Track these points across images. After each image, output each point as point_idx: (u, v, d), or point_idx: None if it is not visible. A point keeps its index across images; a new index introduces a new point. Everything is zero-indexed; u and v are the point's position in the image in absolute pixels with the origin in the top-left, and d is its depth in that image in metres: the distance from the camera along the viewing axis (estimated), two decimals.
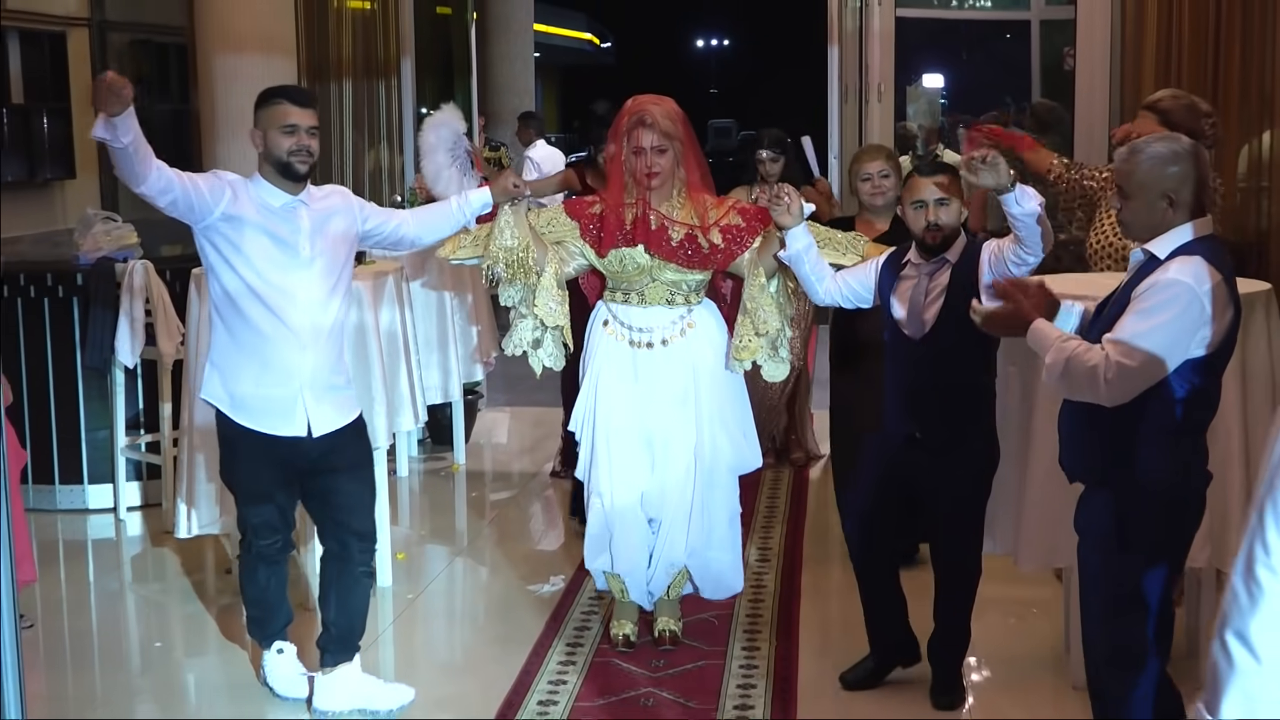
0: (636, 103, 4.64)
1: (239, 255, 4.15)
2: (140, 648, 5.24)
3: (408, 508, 7.00)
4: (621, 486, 4.74)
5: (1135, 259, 3.55)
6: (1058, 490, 4.43)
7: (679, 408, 4.71)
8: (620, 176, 4.69)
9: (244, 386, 4.23)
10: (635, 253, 4.59)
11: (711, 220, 4.62)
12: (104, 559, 6.19)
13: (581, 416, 4.82)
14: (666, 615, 4.86)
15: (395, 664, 5.08)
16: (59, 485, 6.78)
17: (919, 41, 16.62)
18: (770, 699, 4.54)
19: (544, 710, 4.48)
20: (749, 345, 4.57)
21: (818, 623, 5.22)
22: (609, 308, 4.77)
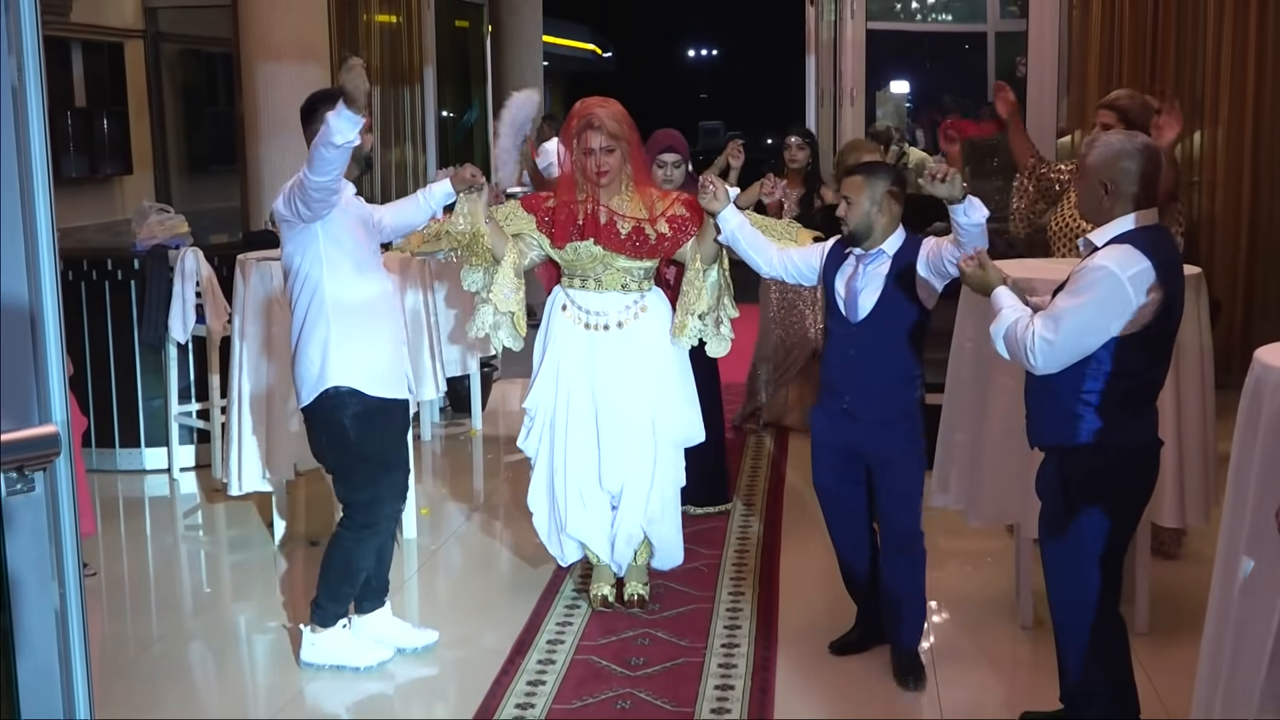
0: (584, 106, 4.52)
1: (351, 240, 4.14)
2: (191, 593, 5.24)
3: (430, 468, 7.01)
4: (579, 464, 4.62)
5: (1082, 246, 3.55)
6: (1010, 453, 4.44)
7: (634, 387, 4.57)
8: (571, 174, 4.56)
9: (374, 360, 4.18)
10: (588, 243, 4.48)
11: (659, 211, 4.51)
12: (159, 514, 6.19)
13: (540, 396, 4.67)
14: (635, 580, 4.77)
15: (420, 607, 5.09)
16: (119, 448, 6.81)
17: (887, 51, 16.56)
18: (753, 639, 4.55)
19: (552, 649, 4.50)
20: (685, 324, 4.50)
21: (798, 571, 5.23)
22: (566, 293, 4.63)
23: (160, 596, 5.21)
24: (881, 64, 14.81)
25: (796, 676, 4.26)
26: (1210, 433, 4.72)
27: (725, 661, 4.39)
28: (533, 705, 4.10)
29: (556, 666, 4.37)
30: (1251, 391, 2.89)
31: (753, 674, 4.29)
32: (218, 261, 6.49)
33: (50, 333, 1.88)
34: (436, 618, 4.96)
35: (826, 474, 4.28)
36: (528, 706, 4.08)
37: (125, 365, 6.74)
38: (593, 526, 4.66)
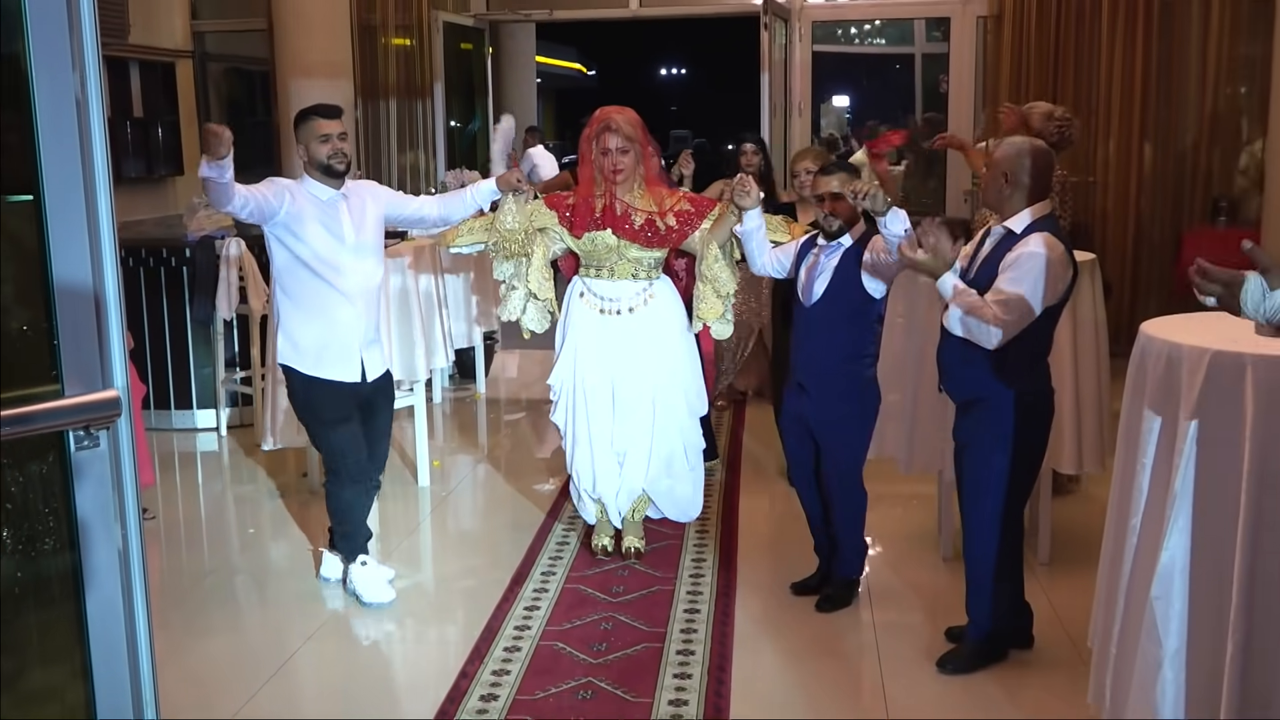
0: (604, 112, 4.45)
1: (300, 243, 4.05)
2: (237, 533, 5.22)
3: (441, 426, 6.99)
4: (596, 431, 4.53)
5: (995, 234, 3.56)
6: (936, 411, 4.45)
7: (642, 364, 4.46)
8: (590, 172, 4.46)
9: (312, 344, 4.11)
10: (604, 235, 4.39)
11: (667, 207, 4.42)
12: (208, 466, 6.17)
13: (562, 373, 4.58)
14: (631, 535, 4.66)
15: (432, 546, 5.08)
16: (174, 410, 6.78)
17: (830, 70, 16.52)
18: (715, 568, 4.56)
19: (545, 579, 4.51)
20: (712, 307, 4.41)
21: (752, 515, 5.23)
22: (584, 282, 4.53)
23: (210, 536, 5.19)
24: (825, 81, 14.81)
25: (749, 591, 4.28)
26: (1104, 394, 4.74)
27: (693, 589, 4.40)
28: (529, 627, 4.09)
29: (549, 594, 4.37)
30: (1138, 359, 2.90)
31: (715, 598, 4.30)
32: (258, 250, 6.43)
33: (111, 311, 1.86)
34: (446, 553, 4.96)
35: (791, 440, 4.24)
36: (525, 628, 4.08)
37: (179, 339, 6.72)
38: (605, 483, 4.58)
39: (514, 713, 3.49)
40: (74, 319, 1.84)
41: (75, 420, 1.83)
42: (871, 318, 4.03)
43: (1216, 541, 2.66)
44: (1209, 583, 2.68)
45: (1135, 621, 2.81)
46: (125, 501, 1.90)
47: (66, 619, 1.99)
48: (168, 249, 6.66)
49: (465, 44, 9.46)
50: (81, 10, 1.80)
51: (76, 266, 1.83)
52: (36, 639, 2.38)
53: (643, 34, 21.67)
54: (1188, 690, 2.73)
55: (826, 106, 17.86)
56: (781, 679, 3.74)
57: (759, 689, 3.66)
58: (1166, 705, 2.74)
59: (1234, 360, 2.60)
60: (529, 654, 3.89)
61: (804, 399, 4.09)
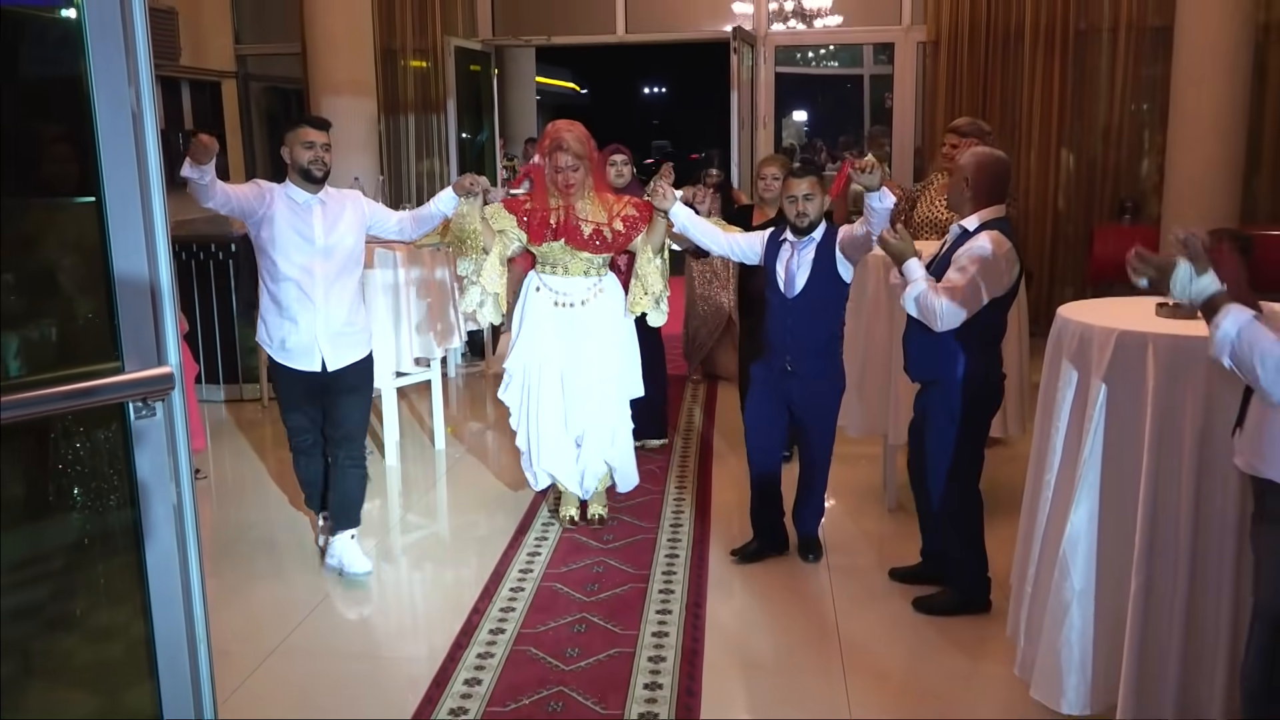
0: (555, 129, 4.26)
1: (273, 243, 3.88)
2: (278, 489, 5.19)
3: (455, 398, 6.95)
4: (549, 413, 4.38)
5: (954, 232, 3.54)
6: (881, 382, 4.46)
7: (594, 352, 4.32)
8: (544, 185, 4.31)
9: (279, 335, 3.97)
10: (559, 243, 4.25)
11: (615, 213, 4.27)
12: (252, 433, 6.13)
13: (517, 359, 4.40)
14: (596, 504, 4.52)
15: (448, 501, 5.06)
16: (223, 384, 6.74)
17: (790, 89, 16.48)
18: (692, 520, 4.56)
19: (545, 530, 4.50)
20: (640, 301, 4.27)
21: (728, 481, 5.24)
22: (540, 277, 4.34)
23: (254, 494, 5.17)
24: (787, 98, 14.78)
25: (722, 541, 4.29)
26: (1025, 368, 4.75)
27: (672, 537, 4.40)
28: (531, 570, 4.09)
29: (549, 541, 4.37)
30: (1055, 337, 2.91)
31: (692, 545, 4.30)
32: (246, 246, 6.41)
33: (165, 298, 1.85)
34: (460, 507, 4.94)
35: (756, 410, 4.09)
36: (528, 571, 4.08)
37: (226, 322, 6.67)
38: (560, 462, 4.44)
39: (519, 644, 3.50)
40: (132, 305, 1.82)
41: (134, 393, 1.82)
42: (844, 301, 3.99)
43: (1121, 496, 2.67)
44: (1114, 531, 2.70)
45: (1049, 565, 2.83)
46: (179, 464, 1.89)
47: (129, 566, 1.98)
48: (216, 244, 6.60)
49: (474, 65, 9.39)
50: (136, 33, 1.78)
51: (134, 259, 1.82)
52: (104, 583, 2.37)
53: (629, 57, 21.54)
54: (1095, 625, 2.75)
55: (788, 120, 17.83)
56: (749, 615, 3.74)
57: (730, 623, 3.66)
58: (1074, 637, 2.76)
59: (1138, 338, 2.61)
60: (531, 593, 3.89)
61: (793, 381, 3.96)
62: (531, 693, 3.18)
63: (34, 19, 2.10)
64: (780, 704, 3.16)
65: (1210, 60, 7.09)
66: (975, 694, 3.19)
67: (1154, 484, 2.57)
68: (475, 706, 3.12)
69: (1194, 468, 2.53)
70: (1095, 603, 2.73)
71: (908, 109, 8.98)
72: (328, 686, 3.31)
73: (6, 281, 2.50)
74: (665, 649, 3.44)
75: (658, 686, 3.21)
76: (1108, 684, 2.75)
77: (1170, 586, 2.60)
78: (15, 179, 2.30)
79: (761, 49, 9.18)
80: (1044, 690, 2.84)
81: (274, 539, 4.56)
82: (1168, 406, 2.55)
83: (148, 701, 1.98)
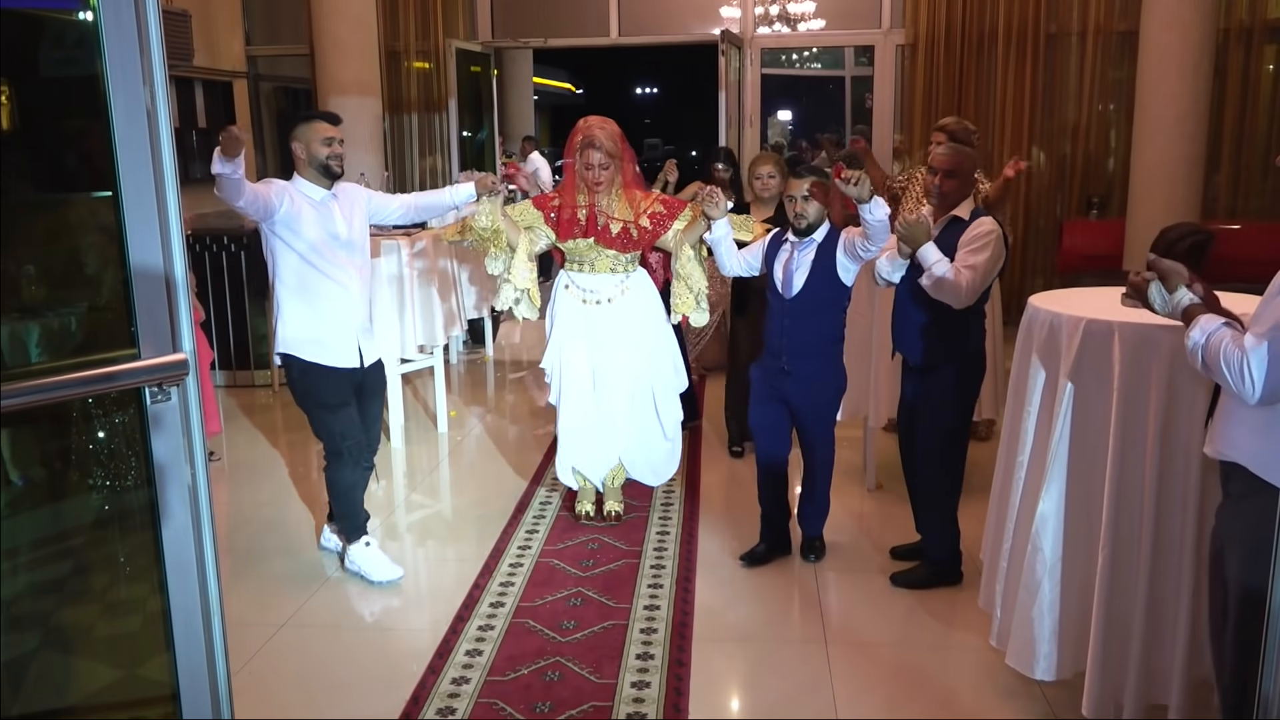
0: (588, 125, 4.05)
1: (299, 238, 3.63)
2: (289, 469, 5.18)
3: (457, 383, 6.94)
4: (578, 408, 4.23)
5: (943, 222, 3.58)
6: (862, 368, 4.46)
7: (619, 349, 4.15)
8: (574, 181, 4.10)
9: (312, 333, 3.69)
10: (587, 240, 4.08)
11: (642, 209, 4.09)
12: (264, 418, 6.11)
13: (552, 357, 4.26)
14: (612, 500, 4.33)
15: (450, 481, 5.06)
16: (235, 370, 6.71)
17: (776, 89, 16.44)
18: (681, 503, 4.55)
19: (542, 509, 4.51)
20: (686, 301, 4.09)
21: (716, 468, 5.23)
22: (568, 275, 4.18)
23: (266, 474, 5.16)
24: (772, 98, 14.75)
25: (709, 520, 4.29)
26: (1000, 354, 4.76)
27: (664, 514, 4.40)
28: (529, 547, 4.09)
29: (546, 520, 4.37)
30: (1026, 326, 2.91)
31: (682, 523, 4.30)
32: (255, 246, 6.37)
33: (179, 288, 1.83)
34: (462, 487, 4.94)
35: (759, 415, 3.85)
36: (526, 548, 4.08)
37: (239, 311, 6.63)
38: (587, 457, 4.29)
39: (518, 617, 3.49)
40: (148, 294, 1.81)
41: (150, 378, 1.80)
42: (843, 303, 3.74)
43: (1089, 477, 2.68)
44: (1082, 510, 2.71)
45: (1021, 542, 2.84)
46: (193, 446, 1.88)
47: (147, 543, 1.97)
48: (229, 237, 6.57)
49: (475, 66, 9.34)
50: (150, 34, 1.76)
51: (149, 251, 1.80)
52: (123, 559, 2.36)
53: (622, 59, 21.49)
54: (1062, 597, 2.76)
55: (773, 119, 17.78)
56: (736, 589, 3.74)
57: (718, 596, 3.67)
58: (1045, 609, 2.77)
59: (1104, 326, 2.61)
60: (529, 569, 3.89)
61: (788, 382, 3.73)
62: (530, 663, 3.18)
63: (54, 20, 2.08)
64: (765, 673, 3.17)
65: (1173, 63, 7.09)
66: (953, 662, 3.20)
67: (1119, 465, 2.58)
68: (476, 675, 3.12)
69: (1157, 450, 2.54)
70: (1063, 577, 2.74)
71: (887, 108, 8.96)
72: (337, 656, 3.31)
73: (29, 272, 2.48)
74: (656, 621, 3.44)
75: (649, 657, 3.22)
76: (1076, 652, 2.77)
77: (1134, 562, 2.61)
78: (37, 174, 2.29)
79: (748, 51, 9.15)
80: (1018, 658, 2.85)
81: (284, 518, 4.55)
82: (1132, 392, 2.56)
83: (164, 672, 1.98)
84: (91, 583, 2.49)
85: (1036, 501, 2.74)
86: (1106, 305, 2.71)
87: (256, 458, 5.38)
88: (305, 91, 9.22)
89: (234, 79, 8.91)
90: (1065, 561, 2.73)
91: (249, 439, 5.68)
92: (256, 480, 5.07)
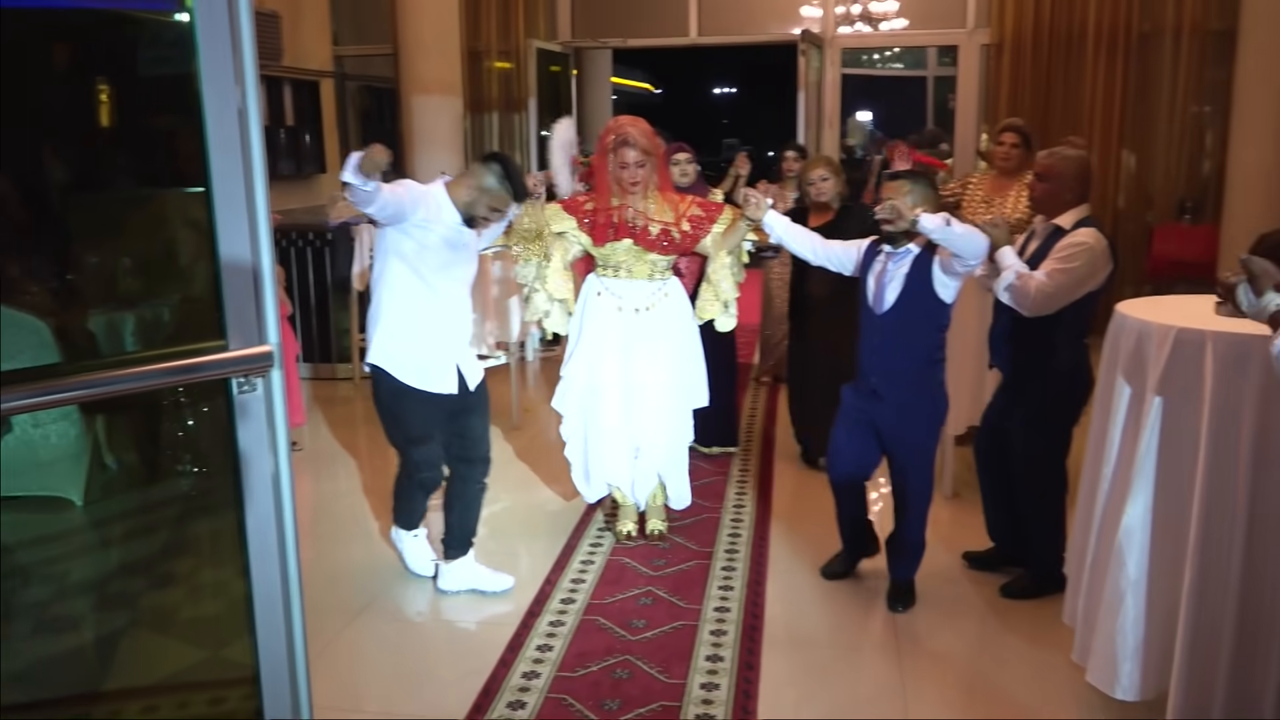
0: (619, 125, 3.85)
1: (425, 252, 3.41)
2: (369, 460, 5.28)
3: (533, 380, 7.00)
4: (609, 422, 4.00)
5: (1044, 230, 3.47)
6: None
7: (656, 359, 3.93)
8: (607, 183, 3.86)
9: (414, 354, 3.47)
10: (624, 243, 3.86)
11: (681, 212, 3.88)
12: (346, 409, 6.24)
13: (576, 365, 4.02)
14: (655, 518, 4.14)
15: (523, 477, 5.08)
16: (318, 362, 6.87)
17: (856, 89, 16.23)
18: (755, 498, 4.52)
19: (613, 509, 4.49)
20: (710, 307, 3.94)
21: (786, 494, 5.19)
22: (601, 281, 3.94)
23: (347, 465, 5.26)
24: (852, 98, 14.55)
25: (782, 526, 4.25)
26: None
27: (735, 516, 4.37)
28: (602, 544, 4.10)
29: None
30: (1113, 334, 2.83)
31: (754, 525, 4.27)
32: None
33: (266, 281, 1.87)
34: (535, 482, 4.97)
35: (842, 438, 3.56)
36: (598, 545, 4.10)
37: (323, 305, 6.79)
38: (620, 471, 4.07)
39: (588, 614, 3.51)
40: (236, 287, 1.85)
41: (237, 369, 1.85)
42: (941, 322, 3.40)
43: (1177, 490, 2.59)
44: (1169, 524, 2.62)
45: (1105, 554, 2.76)
46: (276, 436, 1.92)
47: (231, 528, 2.02)
48: (314, 233, 6.73)
49: (554, 66, 9.42)
50: (243, 36, 1.81)
51: (238, 245, 1.84)
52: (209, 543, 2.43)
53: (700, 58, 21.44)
54: (1146, 614, 2.67)
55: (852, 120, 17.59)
56: (808, 593, 3.70)
57: (790, 600, 3.63)
58: (1128, 625, 2.69)
59: (1195, 336, 2.52)
60: (601, 566, 3.90)
61: (878, 405, 3.44)
62: (599, 660, 3.19)
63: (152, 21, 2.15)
64: (835, 679, 3.13)
65: (1273, 62, 6.83)
66: (1030, 677, 3.12)
67: (1210, 479, 2.49)
68: (547, 671, 3.14)
69: (1250, 464, 2.44)
70: (1148, 593, 2.65)
71: (970, 110, 8.79)
72: (411, 645, 3.36)
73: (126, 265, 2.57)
74: (726, 623, 3.42)
75: (719, 659, 3.20)
76: (1161, 671, 2.68)
77: (1224, 580, 2.51)
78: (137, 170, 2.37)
79: (828, 51, 9.06)
80: (1099, 675, 2.77)
81: (364, 508, 4.63)
82: (1225, 403, 2.46)
83: (246, 655, 2.03)
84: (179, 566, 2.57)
85: (1121, 515, 2.66)
86: (1198, 314, 2.62)
87: (338, 448, 5.49)
88: (389, 90, 9.39)
89: (321, 78, 9.11)
90: (1151, 578, 2.65)
91: (331, 430, 5.81)
92: (337, 470, 5.17)
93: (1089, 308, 3.41)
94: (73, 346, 2.37)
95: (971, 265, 3.24)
